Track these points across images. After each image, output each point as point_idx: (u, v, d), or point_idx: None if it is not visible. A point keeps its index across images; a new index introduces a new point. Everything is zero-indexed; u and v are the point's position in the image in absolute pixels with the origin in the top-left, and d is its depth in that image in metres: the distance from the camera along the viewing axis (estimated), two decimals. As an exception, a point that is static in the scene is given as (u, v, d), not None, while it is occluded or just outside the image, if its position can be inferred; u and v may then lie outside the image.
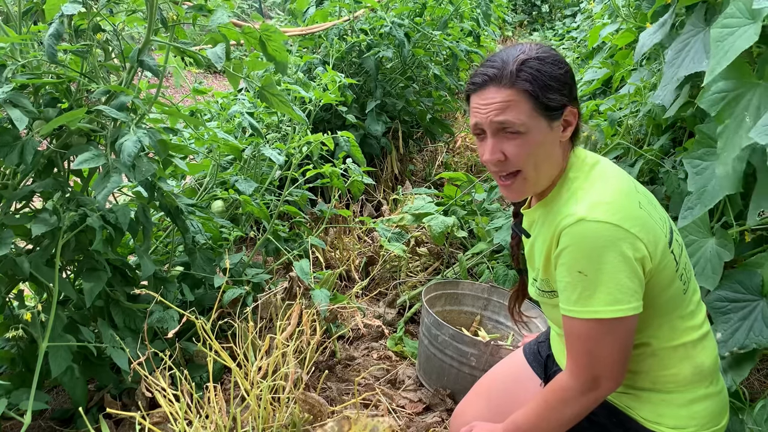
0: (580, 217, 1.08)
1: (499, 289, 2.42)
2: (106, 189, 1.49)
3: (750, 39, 1.42)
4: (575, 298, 1.11)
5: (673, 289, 1.17)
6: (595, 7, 5.94)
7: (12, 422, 1.80)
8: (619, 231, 1.07)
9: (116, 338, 1.70)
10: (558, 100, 1.14)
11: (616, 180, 1.17)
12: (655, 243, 1.11)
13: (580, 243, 1.09)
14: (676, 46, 2.03)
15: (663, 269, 1.14)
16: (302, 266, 2.21)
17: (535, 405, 1.21)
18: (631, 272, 1.07)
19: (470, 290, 2.46)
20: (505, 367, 1.58)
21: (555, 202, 1.20)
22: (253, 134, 2.64)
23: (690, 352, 1.19)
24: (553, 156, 1.18)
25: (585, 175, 1.18)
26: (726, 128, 1.54)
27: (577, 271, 1.09)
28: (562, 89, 1.15)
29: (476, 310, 2.45)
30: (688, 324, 1.20)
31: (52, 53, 1.50)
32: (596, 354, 1.12)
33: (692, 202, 1.76)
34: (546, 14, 11.25)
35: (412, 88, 4.16)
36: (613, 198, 1.11)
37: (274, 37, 1.83)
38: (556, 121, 1.16)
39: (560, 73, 1.15)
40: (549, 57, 1.16)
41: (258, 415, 1.57)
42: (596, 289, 1.08)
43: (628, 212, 1.10)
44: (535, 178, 1.19)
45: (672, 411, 1.19)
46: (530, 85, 1.12)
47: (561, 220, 1.12)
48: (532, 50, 1.16)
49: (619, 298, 1.07)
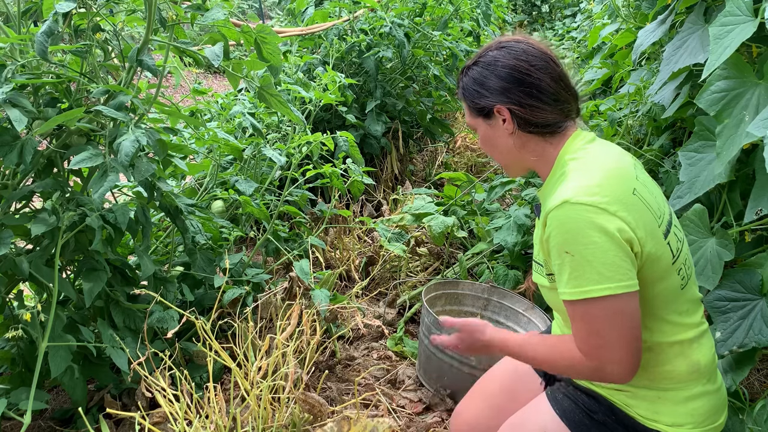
0: (564, 200, 1.11)
1: (498, 289, 2.42)
2: (102, 188, 1.48)
3: (748, 32, 1.43)
4: (566, 279, 1.12)
5: (669, 282, 1.17)
6: (595, 7, 5.95)
7: (12, 422, 1.80)
8: (602, 211, 1.09)
9: (116, 338, 1.70)
10: (486, 103, 1.25)
11: (612, 163, 1.19)
12: (645, 228, 1.12)
13: (564, 224, 1.11)
14: (674, 44, 2.04)
15: (656, 260, 1.14)
16: (302, 266, 2.21)
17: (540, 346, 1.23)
18: (618, 250, 1.08)
19: (470, 290, 2.46)
20: (506, 366, 1.58)
21: (550, 184, 1.24)
22: (253, 134, 2.64)
23: (686, 350, 1.19)
24: (508, 146, 1.28)
25: (580, 157, 1.21)
26: (725, 127, 1.54)
27: (564, 252, 1.11)
28: (490, 91, 1.25)
29: (476, 310, 2.45)
30: (684, 320, 1.20)
31: (42, 50, 1.49)
32: (601, 335, 1.11)
33: (682, 191, 1.78)
34: (546, 14, 11.24)
35: (412, 88, 4.16)
36: (602, 180, 1.13)
37: (269, 39, 1.83)
38: (492, 119, 1.27)
39: (497, 75, 1.24)
40: (491, 59, 1.26)
41: (258, 415, 1.57)
42: (584, 269, 1.09)
43: (615, 195, 1.11)
44: (507, 164, 1.33)
45: (669, 408, 1.20)
46: (463, 93, 1.31)
47: (550, 202, 1.15)
48: (489, 50, 1.28)
49: (607, 276, 1.07)
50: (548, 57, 1.24)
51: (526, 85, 1.22)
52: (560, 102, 1.24)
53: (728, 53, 1.45)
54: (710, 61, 1.50)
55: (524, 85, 1.22)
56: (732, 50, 1.45)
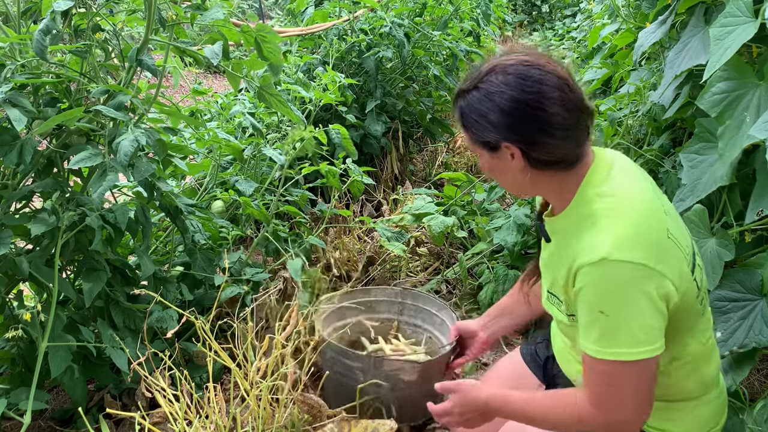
0: (602, 256, 1.00)
1: (410, 291, 2.26)
2: (101, 188, 1.48)
3: (749, 33, 1.43)
4: (596, 336, 1.04)
5: (691, 313, 1.12)
6: (595, 7, 5.94)
7: (12, 422, 1.79)
8: (645, 270, 0.99)
9: (116, 338, 1.70)
10: (490, 138, 1.08)
11: (640, 197, 1.07)
12: (680, 275, 1.04)
13: (603, 284, 1.02)
14: (677, 47, 2.04)
15: (685, 299, 1.07)
16: (295, 266, 2.20)
17: (545, 400, 1.18)
18: (655, 311, 1.01)
19: (384, 296, 2.26)
20: (508, 365, 1.58)
21: (573, 220, 1.11)
22: (253, 134, 2.64)
23: (697, 367, 1.17)
24: (517, 180, 1.12)
25: (607, 194, 1.07)
26: (727, 129, 1.54)
27: (599, 311, 1.02)
28: (495, 126, 1.07)
29: (393, 316, 2.26)
30: (699, 341, 1.16)
31: (41, 49, 1.48)
32: (619, 394, 1.06)
33: (684, 194, 1.77)
34: (546, 14, 11.23)
35: (412, 88, 4.15)
36: (638, 228, 1.02)
37: (269, 38, 1.83)
38: (498, 152, 1.10)
39: (502, 109, 1.05)
40: (495, 88, 1.06)
41: (258, 415, 1.57)
42: (618, 331, 1.01)
43: (654, 246, 1.02)
44: (515, 192, 1.22)
45: (676, 415, 1.19)
46: (460, 119, 1.13)
47: (581, 251, 1.04)
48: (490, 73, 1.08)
49: (642, 340, 1.01)
50: (563, 83, 1.06)
51: (538, 121, 1.05)
52: (577, 130, 1.08)
53: (729, 54, 1.45)
54: (711, 63, 1.50)
55: (536, 121, 1.05)
56: (733, 51, 1.45)
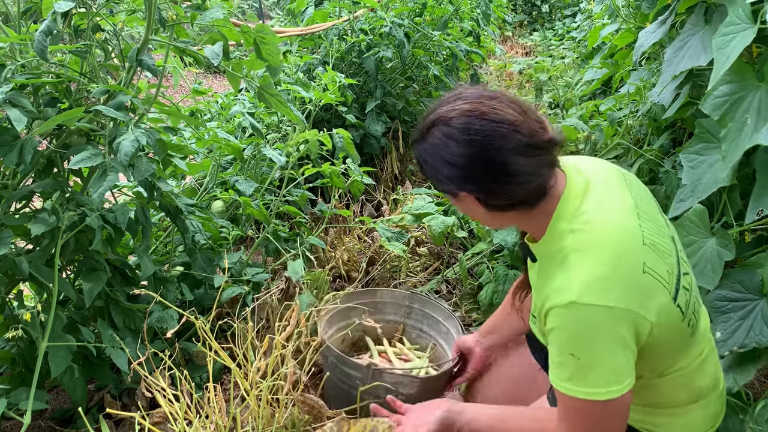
0: (571, 300, 0.98)
1: (418, 295, 2.21)
2: (102, 188, 1.48)
3: (748, 39, 1.45)
4: (567, 376, 1.03)
5: (676, 337, 1.09)
6: (595, 7, 5.94)
7: (12, 422, 1.79)
8: (615, 312, 0.97)
9: (116, 338, 1.70)
10: (447, 188, 1.07)
11: (615, 229, 1.03)
12: (659, 309, 1.01)
13: (573, 327, 0.99)
14: (675, 45, 2.04)
15: (666, 327, 1.04)
16: (295, 267, 2.20)
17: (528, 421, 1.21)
18: (626, 350, 0.99)
19: (390, 298, 2.22)
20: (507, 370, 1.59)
21: (548, 252, 1.10)
22: (253, 134, 2.64)
23: (688, 381, 1.15)
24: (487, 218, 1.11)
25: (578, 228, 1.04)
26: (729, 131, 1.55)
27: (569, 353, 1.00)
28: (448, 178, 1.04)
29: (399, 319, 2.21)
30: (687, 358, 1.14)
31: (41, 49, 1.49)
32: (592, 425, 1.05)
33: (685, 195, 1.77)
34: (546, 14, 11.23)
35: (412, 88, 4.15)
36: (610, 269, 0.98)
37: (267, 39, 1.82)
38: (457, 198, 1.09)
39: (447, 161, 1.02)
40: (438, 142, 1.02)
41: (258, 415, 1.57)
42: (590, 373, 1.00)
43: (627, 285, 0.98)
44: (487, 226, 1.21)
45: (667, 421, 1.18)
46: (418, 168, 1.11)
47: (552, 292, 1.02)
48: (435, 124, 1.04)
49: (613, 380, 1.00)
50: (512, 129, 0.99)
51: (491, 170, 1.01)
52: (539, 167, 1.03)
53: (731, 61, 1.46)
54: (714, 72, 1.52)
55: (488, 171, 1.01)
56: (734, 59, 1.46)
